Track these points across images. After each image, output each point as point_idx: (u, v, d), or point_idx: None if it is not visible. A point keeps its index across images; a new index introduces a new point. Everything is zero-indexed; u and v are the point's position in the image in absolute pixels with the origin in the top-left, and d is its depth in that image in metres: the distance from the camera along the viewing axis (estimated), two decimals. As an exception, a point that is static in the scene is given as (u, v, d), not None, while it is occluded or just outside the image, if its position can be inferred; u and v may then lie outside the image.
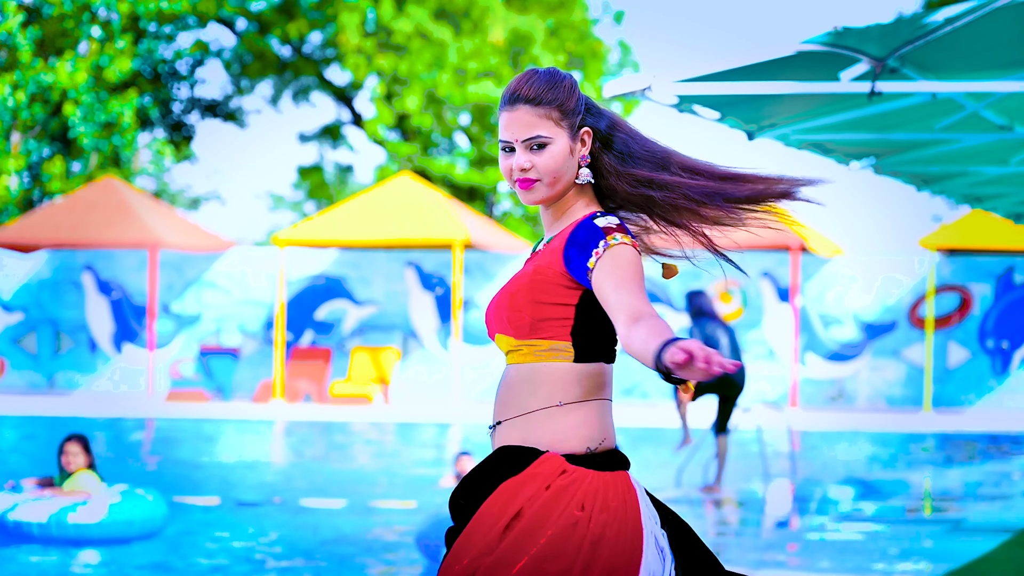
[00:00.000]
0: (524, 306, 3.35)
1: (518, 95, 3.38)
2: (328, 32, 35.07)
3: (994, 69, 7.71)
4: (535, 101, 3.38)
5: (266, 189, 51.46)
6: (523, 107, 3.38)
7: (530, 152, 3.38)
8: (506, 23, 32.79)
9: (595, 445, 3.36)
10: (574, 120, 3.42)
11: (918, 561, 9.82)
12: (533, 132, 3.38)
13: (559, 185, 3.41)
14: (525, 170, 3.38)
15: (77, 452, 10.27)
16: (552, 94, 3.39)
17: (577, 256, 3.32)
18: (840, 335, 23.64)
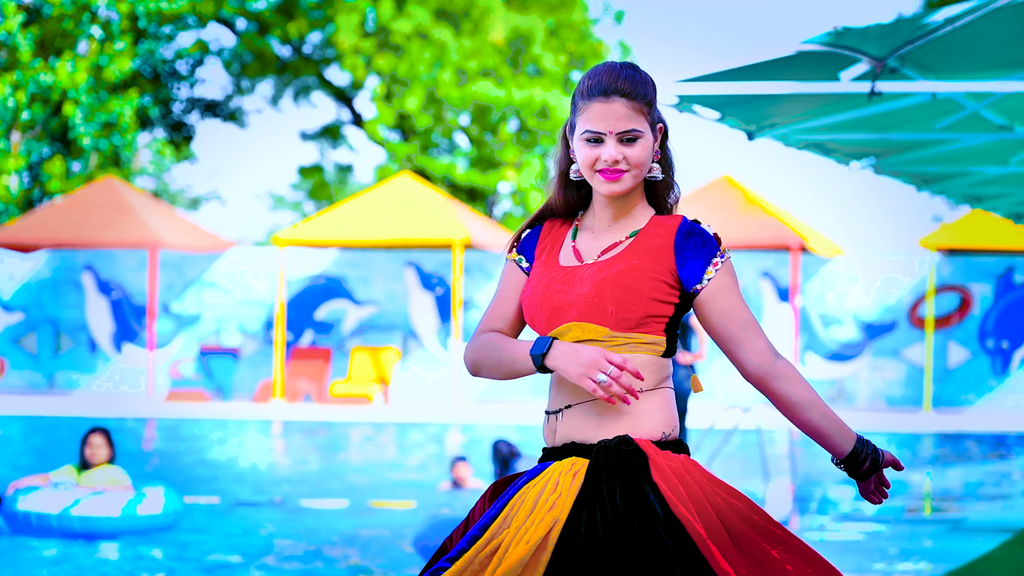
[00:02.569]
0: (640, 301, 3.38)
1: (614, 88, 3.40)
2: (328, 32, 35.07)
3: (994, 69, 7.71)
4: (631, 95, 3.41)
5: (266, 189, 51.48)
6: (619, 100, 3.40)
7: (621, 144, 3.42)
8: (506, 23, 32.78)
9: (669, 430, 3.43)
10: (654, 115, 3.48)
11: (918, 561, 9.82)
12: (629, 125, 3.41)
13: (641, 177, 3.46)
14: (617, 162, 3.41)
15: (101, 444, 10.34)
16: (644, 88, 3.43)
17: (692, 260, 3.40)
18: (840, 335, 23.64)
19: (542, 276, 3.50)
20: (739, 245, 22.93)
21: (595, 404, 3.38)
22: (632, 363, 3.33)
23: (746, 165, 76.84)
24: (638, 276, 3.38)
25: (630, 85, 3.41)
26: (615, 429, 3.37)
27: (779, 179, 69.52)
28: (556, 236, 3.58)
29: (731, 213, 23.07)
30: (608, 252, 3.46)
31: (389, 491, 13.39)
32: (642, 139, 3.42)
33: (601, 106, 3.40)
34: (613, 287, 3.38)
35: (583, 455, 3.37)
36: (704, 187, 23.72)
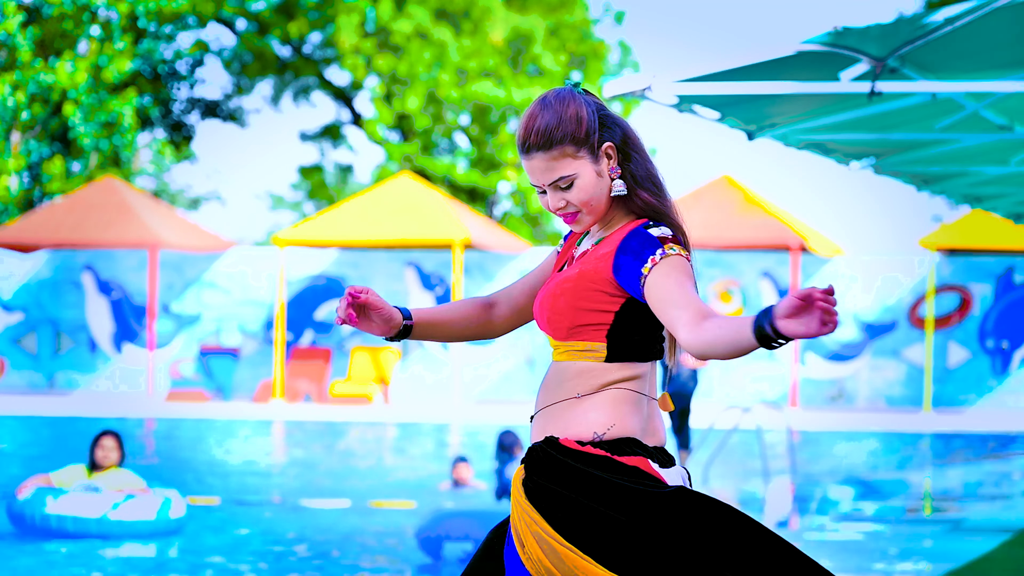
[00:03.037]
0: (564, 311, 3.43)
1: (528, 144, 3.40)
2: (328, 32, 35.07)
3: (994, 69, 7.71)
4: (545, 146, 3.39)
5: (266, 189, 51.49)
6: (537, 155, 3.39)
7: (560, 191, 3.43)
8: (506, 23, 32.79)
9: (603, 431, 3.40)
10: (591, 143, 3.43)
11: (918, 561, 9.82)
12: (555, 176, 3.40)
13: (600, 207, 3.46)
14: (562, 208, 3.44)
15: (112, 447, 10.39)
16: (560, 132, 3.39)
17: (629, 263, 3.37)
18: (840, 335, 23.64)
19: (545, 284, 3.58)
20: (739, 245, 22.93)
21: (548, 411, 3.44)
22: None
23: (746, 165, 76.85)
24: (568, 288, 3.42)
25: (543, 137, 3.38)
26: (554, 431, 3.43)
27: (779, 179, 69.53)
28: (571, 241, 3.67)
29: (731, 213, 23.07)
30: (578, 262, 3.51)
31: (389, 491, 13.39)
32: (577, 179, 3.40)
33: (526, 163, 3.42)
34: (551, 299, 3.45)
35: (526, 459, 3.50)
36: (704, 187, 23.72)
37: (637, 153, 3.50)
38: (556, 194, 3.41)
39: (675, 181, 68.55)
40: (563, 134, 3.38)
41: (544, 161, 3.39)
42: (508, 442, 11.41)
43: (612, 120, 3.48)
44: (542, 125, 3.38)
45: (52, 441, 18.21)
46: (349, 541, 10.54)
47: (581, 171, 3.40)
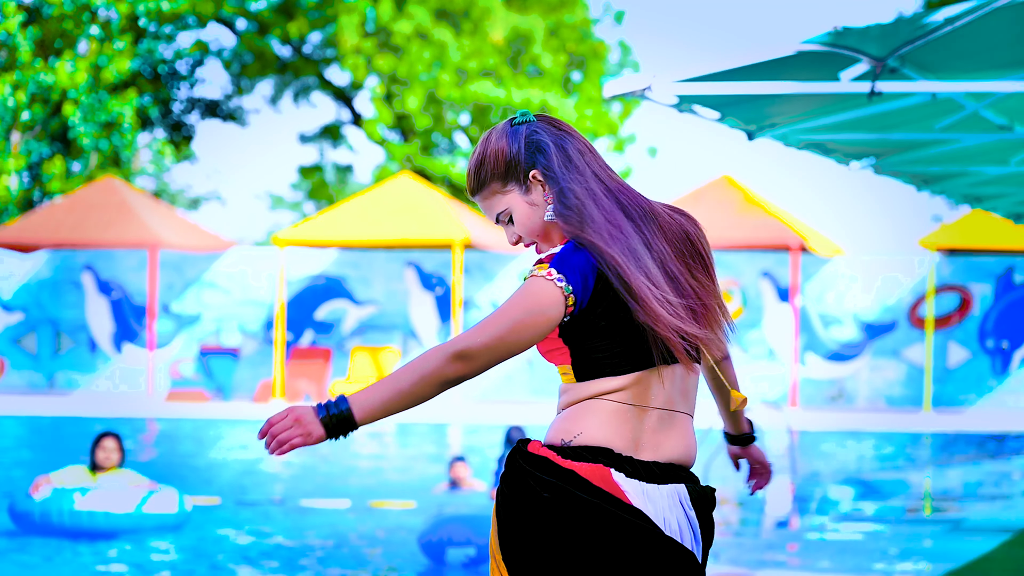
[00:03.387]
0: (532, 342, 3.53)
1: (469, 189, 3.59)
2: (328, 32, 35.07)
3: (994, 69, 7.71)
4: (477, 188, 3.55)
5: (266, 189, 51.49)
6: (476, 197, 3.58)
7: (508, 225, 3.56)
8: (506, 23, 32.78)
9: (569, 438, 3.43)
10: (516, 175, 3.51)
11: (918, 561, 9.82)
12: (493, 213, 3.56)
13: (542, 233, 3.54)
14: (515, 241, 3.57)
15: (113, 449, 10.46)
16: (483, 171, 3.53)
17: None
18: (840, 335, 23.64)
19: None
20: (739, 245, 22.93)
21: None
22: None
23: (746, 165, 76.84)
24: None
25: (472, 180, 3.55)
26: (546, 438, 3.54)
27: (779, 179, 69.52)
28: None
29: (731, 213, 23.07)
30: None
31: (389, 491, 13.39)
32: (514, 212, 3.52)
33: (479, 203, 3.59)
34: None
35: None
36: (704, 187, 23.72)
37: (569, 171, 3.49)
38: (507, 228, 3.56)
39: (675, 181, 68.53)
40: (486, 173, 3.53)
41: (482, 201, 3.57)
42: (515, 437, 11.38)
43: (543, 143, 3.50)
44: (470, 168, 3.57)
45: (52, 441, 18.21)
46: (349, 541, 10.53)
47: (512, 204, 3.52)
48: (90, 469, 10.49)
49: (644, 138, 49.21)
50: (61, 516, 10.26)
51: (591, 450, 3.40)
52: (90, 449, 10.54)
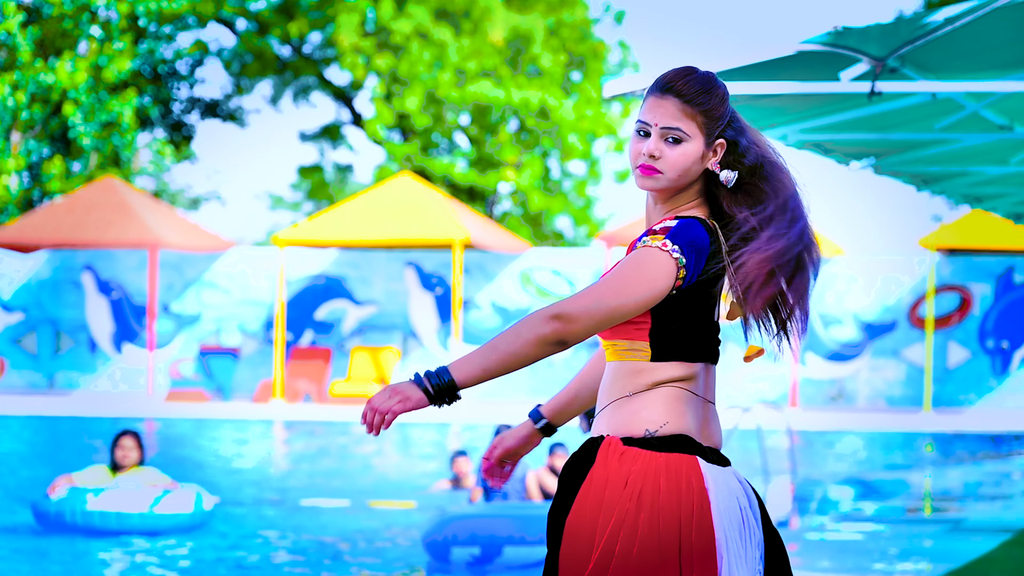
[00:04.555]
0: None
1: (672, 86, 3.45)
2: (328, 32, 35.07)
3: (994, 69, 7.71)
4: (686, 98, 3.44)
5: (266, 189, 51.46)
6: (673, 98, 3.44)
7: (664, 143, 3.43)
8: (506, 23, 32.78)
9: (655, 428, 3.41)
10: (715, 128, 3.46)
11: (918, 561, 9.82)
12: (675, 123, 3.43)
13: (680, 182, 3.45)
14: (654, 157, 3.43)
15: (132, 447, 10.46)
16: (704, 98, 3.44)
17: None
18: (840, 335, 23.65)
19: None
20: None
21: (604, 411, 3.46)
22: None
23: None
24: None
25: (690, 89, 3.44)
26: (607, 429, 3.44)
27: (779, 179, 69.39)
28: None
29: (731, 213, 23.06)
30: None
31: (389, 491, 13.39)
32: (687, 143, 3.42)
33: (654, 100, 3.46)
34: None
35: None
36: (704, 187, 23.70)
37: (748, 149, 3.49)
38: (659, 143, 3.42)
39: (675, 181, 68.62)
40: (705, 101, 3.44)
41: (676, 108, 3.43)
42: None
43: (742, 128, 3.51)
44: (695, 82, 3.45)
45: (52, 441, 18.21)
46: (349, 541, 10.53)
47: (694, 140, 3.43)
48: (110, 468, 10.52)
49: (644, 138, 49.12)
50: (75, 516, 10.29)
51: (679, 439, 3.41)
52: (109, 448, 10.57)
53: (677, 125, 3.42)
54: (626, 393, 3.42)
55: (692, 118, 3.42)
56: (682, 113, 3.42)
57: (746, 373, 23.64)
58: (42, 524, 10.50)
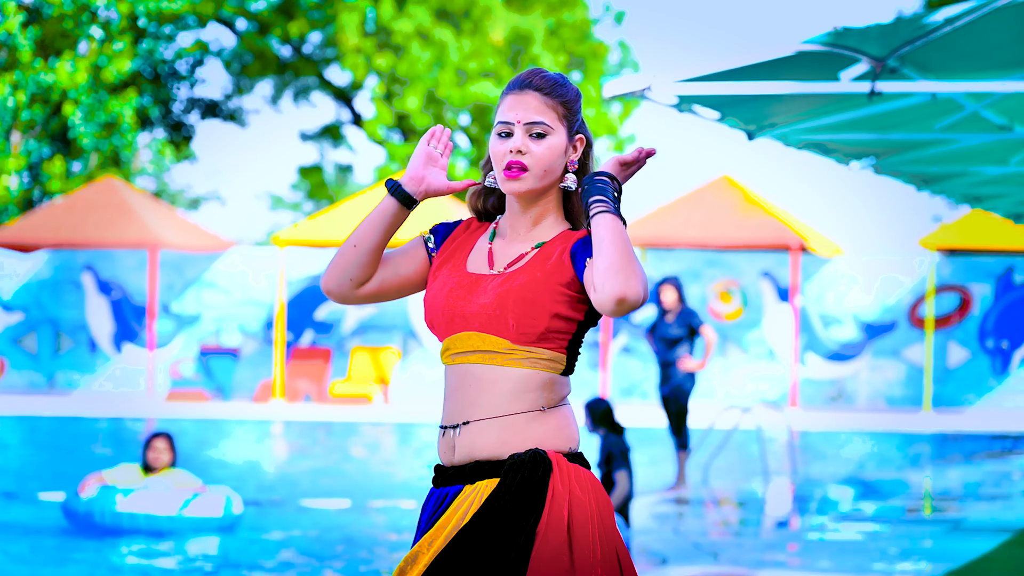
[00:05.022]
0: (541, 315, 3.36)
1: (529, 82, 3.41)
2: (328, 32, 35.07)
3: (994, 69, 7.72)
4: (545, 91, 3.41)
5: (266, 189, 51.49)
6: (532, 93, 3.41)
7: (529, 138, 3.39)
8: (506, 23, 32.79)
9: (573, 446, 3.41)
10: (573, 122, 3.45)
11: (918, 561, 9.82)
12: (538, 117, 3.39)
13: (545, 180, 3.41)
14: (521, 152, 3.39)
15: (164, 449, 10.48)
16: (562, 90, 3.43)
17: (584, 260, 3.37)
18: (840, 335, 23.64)
19: (447, 279, 3.48)
20: (739, 245, 22.93)
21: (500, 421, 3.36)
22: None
23: (746, 165, 76.84)
24: (540, 290, 3.36)
25: (547, 83, 3.42)
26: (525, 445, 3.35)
27: (779, 179, 69.53)
28: (469, 238, 3.56)
29: (731, 213, 23.07)
30: (515, 264, 3.43)
31: (389, 491, 13.39)
32: (551, 136, 3.39)
33: (514, 97, 3.41)
34: (515, 300, 3.36)
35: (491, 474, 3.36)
36: (704, 187, 23.72)
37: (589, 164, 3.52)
38: (525, 139, 3.38)
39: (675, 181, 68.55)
40: (563, 93, 3.43)
41: (537, 101, 3.39)
42: None
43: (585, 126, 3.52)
44: (550, 76, 3.44)
45: (52, 441, 18.21)
46: (349, 541, 10.54)
47: (558, 133, 3.41)
48: (142, 468, 10.54)
49: (644, 138, 49.13)
50: (103, 516, 10.31)
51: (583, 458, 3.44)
52: (142, 449, 10.60)
53: (540, 118, 3.39)
54: (539, 407, 3.37)
55: (553, 109, 3.40)
56: (544, 105, 3.39)
57: (746, 373, 23.65)
58: (72, 523, 10.50)
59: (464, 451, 3.39)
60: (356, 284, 3.54)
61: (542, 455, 3.33)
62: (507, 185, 3.41)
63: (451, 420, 3.41)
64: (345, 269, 3.54)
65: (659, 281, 13.55)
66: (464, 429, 3.38)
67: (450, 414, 3.42)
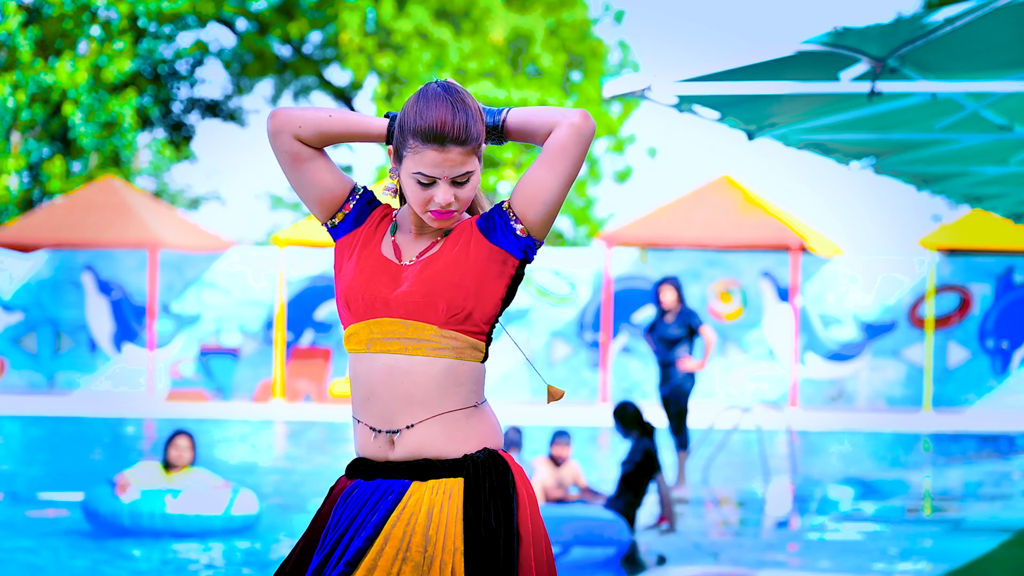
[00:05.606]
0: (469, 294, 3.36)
1: (448, 137, 3.32)
2: (328, 32, 35.08)
3: (994, 69, 7.72)
4: (465, 142, 3.34)
5: (266, 189, 51.46)
6: (456, 148, 3.33)
7: (455, 187, 3.36)
8: (506, 23, 32.79)
9: (501, 443, 3.43)
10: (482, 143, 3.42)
11: (918, 561, 9.82)
12: (464, 170, 3.35)
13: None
14: (448, 205, 3.36)
15: (185, 447, 10.50)
16: (476, 129, 3.35)
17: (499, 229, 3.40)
18: (840, 335, 23.64)
19: (365, 260, 3.44)
20: (739, 245, 22.92)
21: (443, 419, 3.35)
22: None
23: (746, 165, 76.82)
24: (464, 269, 3.36)
25: (464, 132, 3.32)
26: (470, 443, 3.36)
27: (779, 179, 69.51)
28: (382, 225, 3.52)
29: (731, 213, 23.07)
30: (426, 252, 3.42)
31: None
32: (474, 175, 3.37)
33: (436, 154, 3.32)
34: (442, 283, 3.35)
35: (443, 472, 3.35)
36: (704, 187, 23.71)
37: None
38: (450, 190, 3.35)
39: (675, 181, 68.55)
40: (477, 132, 3.35)
41: (460, 155, 3.33)
42: (514, 439, 11.33)
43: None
44: (463, 120, 3.33)
45: (52, 441, 18.21)
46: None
47: (477, 167, 3.39)
48: (163, 467, 10.54)
49: (644, 138, 49.20)
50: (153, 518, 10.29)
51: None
52: (163, 447, 10.61)
53: (465, 170, 3.35)
54: (472, 403, 3.37)
55: (473, 152, 3.35)
56: (465, 155, 3.34)
57: (746, 373, 23.65)
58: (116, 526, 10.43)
59: (408, 448, 3.35)
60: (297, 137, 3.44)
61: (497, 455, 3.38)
62: (436, 224, 3.39)
63: (386, 419, 3.36)
64: (306, 121, 3.43)
65: (659, 281, 13.54)
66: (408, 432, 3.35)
67: (377, 415, 3.37)
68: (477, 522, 3.32)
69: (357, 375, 3.40)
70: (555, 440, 10.80)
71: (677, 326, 13.40)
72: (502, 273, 3.38)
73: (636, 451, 10.18)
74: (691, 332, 13.42)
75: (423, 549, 3.29)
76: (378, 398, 3.37)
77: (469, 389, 3.37)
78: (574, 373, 24.04)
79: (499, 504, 3.33)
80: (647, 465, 10.13)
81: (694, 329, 13.38)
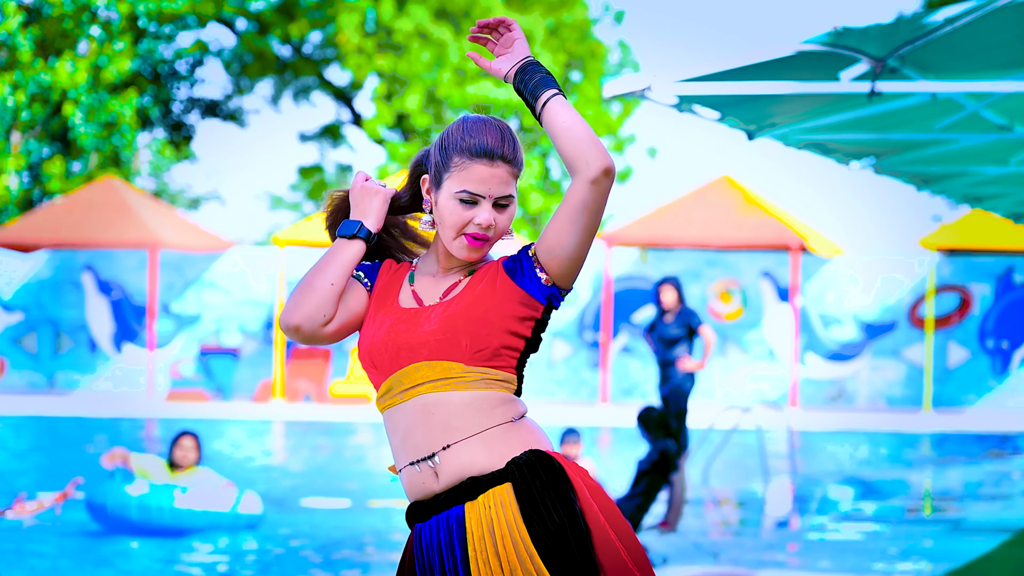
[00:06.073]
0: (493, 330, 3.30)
1: (500, 154, 3.32)
2: (328, 32, 35.08)
3: (994, 69, 7.71)
4: (512, 160, 3.33)
5: (266, 189, 51.47)
6: (504, 166, 3.32)
7: (496, 209, 3.34)
8: (506, 23, 32.76)
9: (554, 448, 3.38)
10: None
11: (918, 561, 9.82)
12: (508, 191, 3.33)
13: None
14: (488, 227, 3.34)
15: (191, 448, 10.54)
16: (520, 155, 3.36)
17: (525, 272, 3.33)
18: (840, 335, 23.65)
19: (384, 316, 3.41)
20: (739, 245, 22.93)
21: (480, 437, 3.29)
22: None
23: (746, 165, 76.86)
24: (488, 306, 3.31)
25: (513, 151, 3.32)
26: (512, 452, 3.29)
27: (779, 179, 69.54)
28: (393, 279, 3.52)
29: (731, 213, 23.07)
30: (450, 292, 3.39)
31: (389, 491, 13.39)
32: (511, 206, 3.35)
33: (487, 169, 3.30)
34: (465, 320, 3.30)
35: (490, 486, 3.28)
36: (704, 187, 23.72)
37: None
38: (492, 212, 3.32)
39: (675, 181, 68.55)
40: (521, 158, 3.37)
41: (507, 174, 3.32)
42: None
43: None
44: (511, 140, 3.34)
45: (52, 441, 18.22)
46: (349, 541, 10.54)
47: (515, 197, 3.36)
48: (168, 465, 10.57)
49: (644, 138, 49.18)
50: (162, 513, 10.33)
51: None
52: (168, 447, 10.64)
53: (510, 192, 3.33)
54: (509, 419, 3.31)
55: (515, 177, 3.34)
56: (511, 176, 3.33)
57: (746, 373, 23.65)
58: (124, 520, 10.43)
59: (452, 474, 3.29)
60: (327, 322, 3.41)
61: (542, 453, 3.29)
62: (467, 252, 3.36)
63: (424, 449, 3.31)
64: (319, 306, 3.39)
65: (659, 281, 13.55)
66: (444, 454, 3.29)
67: (416, 448, 3.32)
68: (540, 521, 3.24)
69: (394, 425, 3.35)
70: (565, 438, 10.80)
71: (677, 326, 13.41)
72: (527, 316, 3.34)
73: (654, 450, 10.17)
74: (691, 332, 13.42)
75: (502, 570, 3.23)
76: (413, 433, 3.32)
77: (502, 410, 3.31)
78: (574, 373, 24.05)
79: (555, 498, 3.25)
80: (663, 465, 10.11)
81: (694, 329, 13.39)
